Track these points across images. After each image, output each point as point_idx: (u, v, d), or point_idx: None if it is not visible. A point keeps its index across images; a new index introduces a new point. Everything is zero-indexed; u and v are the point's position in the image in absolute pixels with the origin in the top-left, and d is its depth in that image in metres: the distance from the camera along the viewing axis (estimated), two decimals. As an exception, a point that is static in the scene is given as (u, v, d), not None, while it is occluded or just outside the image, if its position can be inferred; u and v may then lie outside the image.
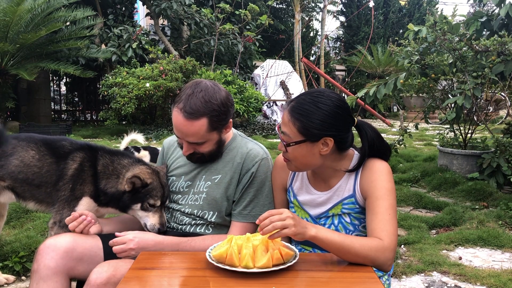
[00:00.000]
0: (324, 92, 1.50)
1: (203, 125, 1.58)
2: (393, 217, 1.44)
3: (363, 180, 1.52)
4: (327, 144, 1.46)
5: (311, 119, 1.43)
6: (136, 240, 1.54)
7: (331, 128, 1.45)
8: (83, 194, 1.81)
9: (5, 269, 2.66)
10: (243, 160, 1.70)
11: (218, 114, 1.59)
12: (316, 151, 1.47)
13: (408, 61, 4.69)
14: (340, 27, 17.15)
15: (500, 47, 3.96)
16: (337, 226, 1.57)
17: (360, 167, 1.54)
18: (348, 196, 1.54)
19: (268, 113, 11.62)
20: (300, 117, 1.44)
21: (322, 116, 1.43)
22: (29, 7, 8.28)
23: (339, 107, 1.46)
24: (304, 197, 1.63)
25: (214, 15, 10.13)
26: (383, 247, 1.37)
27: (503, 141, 4.63)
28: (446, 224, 3.70)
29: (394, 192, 1.48)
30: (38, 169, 1.91)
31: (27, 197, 1.98)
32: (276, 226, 1.28)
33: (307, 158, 1.48)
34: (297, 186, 1.65)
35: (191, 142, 1.63)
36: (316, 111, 1.44)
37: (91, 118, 12.23)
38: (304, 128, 1.44)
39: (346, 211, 1.55)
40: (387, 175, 1.49)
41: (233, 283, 1.23)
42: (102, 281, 1.44)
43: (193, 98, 1.57)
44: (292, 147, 1.47)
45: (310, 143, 1.45)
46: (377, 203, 1.45)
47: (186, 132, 1.60)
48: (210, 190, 1.71)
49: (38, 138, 2.00)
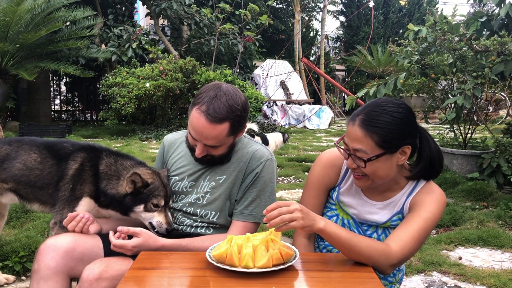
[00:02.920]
0: (391, 100, 1.45)
1: (225, 129, 1.57)
2: (421, 238, 1.42)
3: (416, 197, 1.49)
4: (405, 152, 1.43)
5: (390, 130, 1.38)
6: (135, 250, 1.53)
7: (409, 136, 1.42)
8: (83, 194, 1.81)
9: (5, 269, 2.65)
10: (248, 160, 1.70)
11: (239, 119, 1.59)
12: (394, 161, 1.44)
13: (408, 61, 4.70)
14: (340, 27, 17.17)
15: (500, 47, 3.97)
16: (379, 236, 1.56)
17: (420, 183, 1.51)
18: (396, 213, 1.53)
19: (268, 113, 11.63)
20: (377, 130, 1.38)
21: (400, 125, 1.39)
22: (29, 7, 8.28)
23: (411, 112, 1.44)
24: (350, 201, 1.59)
25: (214, 15, 10.13)
26: (389, 253, 1.36)
27: (503, 141, 4.63)
28: (446, 224, 3.70)
29: (436, 222, 1.46)
30: (40, 171, 1.93)
31: (31, 199, 2.00)
32: (284, 219, 1.26)
33: (386, 171, 1.44)
34: (347, 187, 1.60)
35: (207, 145, 1.61)
36: (393, 121, 1.39)
37: (91, 118, 12.23)
38: (384, 140, 1.38)
39: (393, 226, 1.54)
40: (440, 205, 1.47)
41: (233, 283, 1.23)
42: (95, 277, 1.45)
43: (216, 102, 1.54)
44: (371, 162, 1.41)
45: (389, 155, 1.41)
46: (415, 219, 1.43)
47: (207, 135, 1.57)
48: (214, 191, 1.71)
49: (40, 141, 2.03)
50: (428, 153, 1.49)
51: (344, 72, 16.88)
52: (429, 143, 1.49)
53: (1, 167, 2.00)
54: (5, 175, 1.99)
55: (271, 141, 6.31)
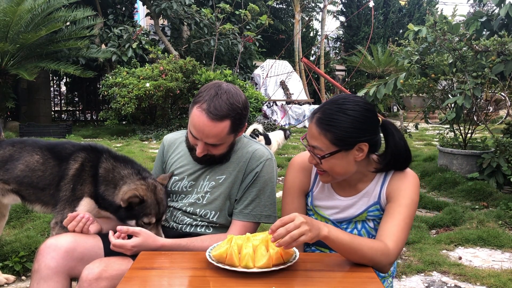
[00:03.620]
0: (349, 97, 1.46)
1: (226, 127, 1.58)
2: (407, 227, 1.43)
3: (391, 186, 1.50)
4: (362, 149, 1.43)
5: (344, 128, 1.39)
6: (134, 249, 1.53)
7: (364, 134, 1.42)
8: (83, 194, 1.81)
9: (5, 269, 2.66)
10: (248, 160, 1.71)
11: (240, 117, 1.60)
12: (351, 158, 1.44)
13: (408, 61, 4.70)
14: (340, 27, 17.17)
15: (500, 47, 3.97)
16: (360, 231, 1.55)
17: (390, 173, 1.52)
18: (373, 204, 1.53)
19: (268, 113, 11.63)
20: (331, 128, 1.40)
21: (354, 123, 1.39)
22: (29, 7, 8.28)
23: (368, 110, 1.43)
24: (325, 203, 1.59)
25: (214, 15, 10.13)
26: (388, 252, 1.36)
27: (503, 141, 4.63)
28: (446, 224, 3.70)
29: (416, 206, 1.47)
30: (42, 172, 1.94)
31: (33, 200, 2.01)
32: (294, 236, 1.21)
33: (343, 167, 1.45)
34: (318, 190, 1.61)
35: (208, 144, 1.62)
36: (347, 119, 1.39)
37: (91, 118, 12.22)
38: (337, 138, 1.39)
39: (371, 218, 1.54)
40: (416, 188, 1.48)
41: (233, 283, 1.23)
42: (94, 277, 1.45)
43: (218, 100, 1.56)
44: (326, 159, 1.43)
45: (344, 152, 1.42)
46: (398, 209, 1.44)
47: (207, 133, 1.58)
48: (214, 190, 1.72)
49: (43, 143, 2.04)
50: (393, 148, 1.49)
51: (344, 72, 16.88)
52: (394, 138, 1.50)
53: (4, 168, 2.00)
54: (8, 176, 2.00)
55: (273, 141, 6.42)
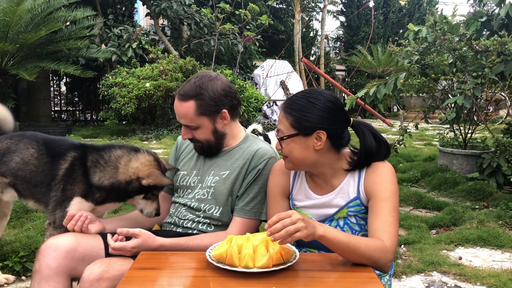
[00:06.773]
0: (317, 89, 1.56)
1: (191, 107, 1.69)
2: (396, 219, 1.45)
3: (367, 181, 1.52)
4: (320, 138, 1.49)
5: (302, 113, 1.48)
6: (134, 250, 1.53)
7: (323, 122, 1.48)
8: (73, 194, 1.79)
9: (5, 269, 2.66)
10: (251, 157, 1.74)
11: (204, 99, 1.69)
12: (310, 145, 1.49)
13: (408, 61, 4.69)
14: (340, 27, 17.16)
15: (500, 47, 3.96)
16: (342, 227, 1.56)
17: (364, 168, 1.55)
18: (353, 199, 1.54)
19: (268, 113, 11.62)
20: (292, 111, 1.50)
21: (313, 110, 1.48)
22: (29, 7, 8.27)
23: (330, 101, 1.51)
24: (304, 203, 1.62)
25: (214, 15, 10.13)
26: (385, 249, 1.37)
27: (503, 141, 4.63)
28: (446, 224, 3.71)
29: (397, 194, 1.50)
30: (35, 167, 1.92)
31: (26, 195, 1.99)
32: (289, 231, 1.24)
33: (302, 153, 1.50)
34: (296, 192, 1.65)
35: (186, 125, 1.74)
36: (307, 105, 1.49)
37: (91, 118, 12.22)
38: (296, 121, 1.48)
39: (352, 213, 1.55)
40: (392, 177, 1.51)
41: (233, 283, 1.23)
42: (95, 277, 1.45)
43: (187, 83, 1.73)
44: (286, 142, 1.51)
45: (303, 137, 1.49)
46: (380, 204, 1.46)
47: (177, 113, 1.73)
48: (217, 185, 1.75)
49: (41, 137, 2.02)
50: (363, 147, 1.54)
51: (344, 72, 16.86)
52: (365, 138, 1.55)
53: (1, 160, 1.98)
54: (4, 169, 1.98)
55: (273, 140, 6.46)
